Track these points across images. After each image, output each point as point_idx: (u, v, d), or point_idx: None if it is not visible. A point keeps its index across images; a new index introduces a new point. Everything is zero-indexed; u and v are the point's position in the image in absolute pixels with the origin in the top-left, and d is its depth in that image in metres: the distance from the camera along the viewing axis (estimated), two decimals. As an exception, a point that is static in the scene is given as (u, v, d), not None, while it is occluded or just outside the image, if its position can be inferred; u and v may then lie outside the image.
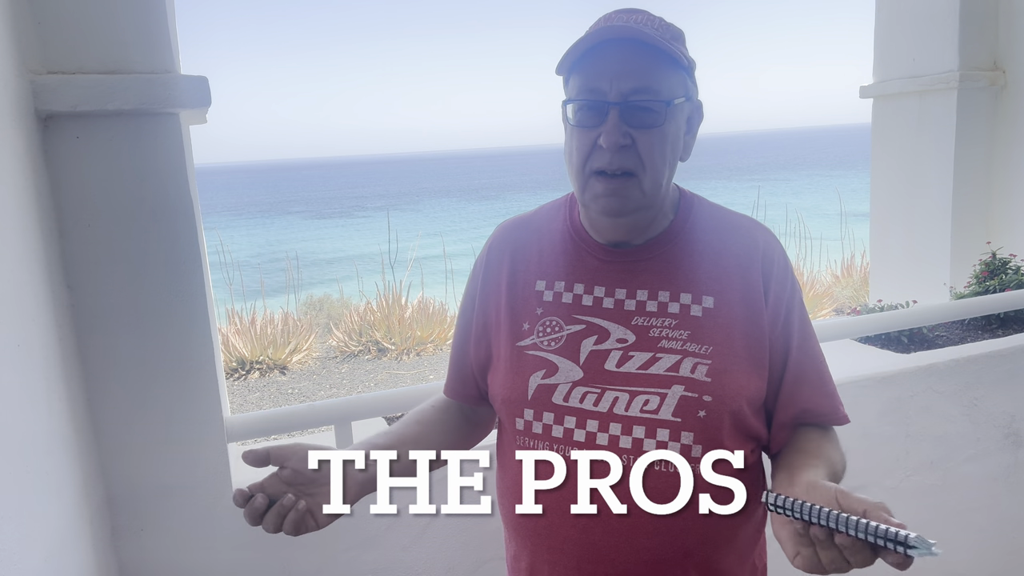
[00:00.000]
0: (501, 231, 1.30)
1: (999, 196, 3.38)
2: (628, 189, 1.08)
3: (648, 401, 1.08)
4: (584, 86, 1.07)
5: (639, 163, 1.07)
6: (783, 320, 1.15)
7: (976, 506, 2.34)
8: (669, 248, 1.16)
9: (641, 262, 1.16)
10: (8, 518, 1.10)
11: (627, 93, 1.05)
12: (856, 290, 8.71)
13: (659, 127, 1.07)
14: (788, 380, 1.16)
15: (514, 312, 1.21)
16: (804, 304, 1.19)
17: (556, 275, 1.20)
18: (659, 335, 1.11)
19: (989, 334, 2.61)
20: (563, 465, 1.11)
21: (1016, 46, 3.25)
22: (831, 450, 1.14)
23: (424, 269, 9.65)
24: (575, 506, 1.10)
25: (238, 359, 7.41)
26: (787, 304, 1.16)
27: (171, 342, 1.57)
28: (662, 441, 1.08)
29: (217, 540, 1.66)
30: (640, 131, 1.06)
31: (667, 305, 1.13)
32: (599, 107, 1.06)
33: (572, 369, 1.13)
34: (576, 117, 1.09)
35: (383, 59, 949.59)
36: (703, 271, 1.14)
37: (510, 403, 1.17)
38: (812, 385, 1.17)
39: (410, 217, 34.42)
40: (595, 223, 1.18)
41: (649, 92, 1.06)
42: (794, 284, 1.18)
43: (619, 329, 1.13)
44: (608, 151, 1.06)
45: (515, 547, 1.23)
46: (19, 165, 1.32)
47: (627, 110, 1.05)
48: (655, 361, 1.10)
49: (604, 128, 1.05)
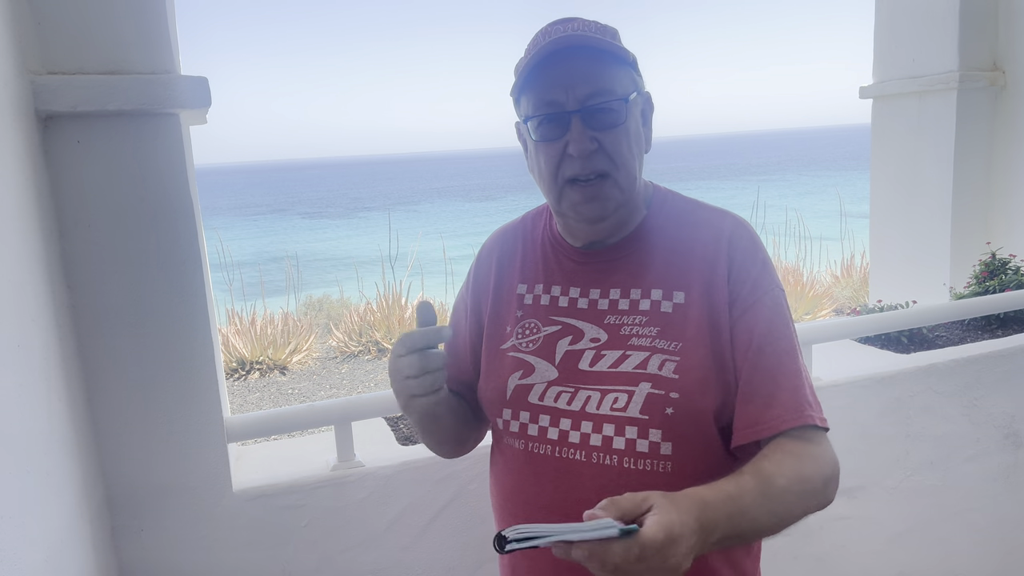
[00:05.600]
0: (490, 239, 1.33)
1: (999, 196, 3.38)
2: (605, 190, 1.09)
3: (617, 399, 1.09)
4: (540, 100, 1.09)
5: (611, 163, 1.08)
6: (748, 302, 1.09)
7: (976, 506, 2.34)
8: (641, 245, 1.17)
9: (614, 261, 1.17)
10: (8, 518, 1.10)
11: (584, 98, 1.07)
12: (856, 290, 8.71)
13: (622, 125, 1.09)
14: (752, 370, 1.07)
15: (498, 316, 1.24)
16: (781, 299, 1.12)
17: (535, 278, 1.22)
18: (629, 332, 1.12)
19: (989, 334, 2.61)
20: (538, 463, 1.13)
21: (1016, 46, 3.25)
22: (776, 465, 1.00)
23: (424, 269, 9.65)
24: (549, 502, 1.12)
25: (238, 359, 7.41)
26: (752, 286, 1.10)
27: (171, 342, 1.57)
28: (631, 439, 1.08)
29: (217, 540, 1.66)
30: (604, 132, 1.08)
31: (638, 303, 1.14)
32: (560, 118, 1.08)
33: (548, 369, 1.15)
34: (539, 132, 1.10)
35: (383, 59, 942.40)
36: (674, 266, 1.14)
37: (491, 403, 1.21)
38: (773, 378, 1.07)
39: (410, 217, 34.43)
40: (572, 228, 1.19)
41: (606, 93, 1.07)
42: (764, 271, 1.11)
43: (592, 328, 1.15)
44: (579, 158, 1.07)
45: None
46: (19, 165, 1.32)
47: (588, 115, 1.07)
48: (624, 359, 1.11)
49: (570, 136, 1.07)
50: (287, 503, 1.70)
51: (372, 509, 1.75)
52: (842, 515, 2.18)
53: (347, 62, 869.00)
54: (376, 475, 1.75)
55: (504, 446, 1.20)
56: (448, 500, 1.80)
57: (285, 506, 1.70)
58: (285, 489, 1.70)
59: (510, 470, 1.19)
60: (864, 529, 2.22)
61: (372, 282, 9.12)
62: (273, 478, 1.72)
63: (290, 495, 1.71)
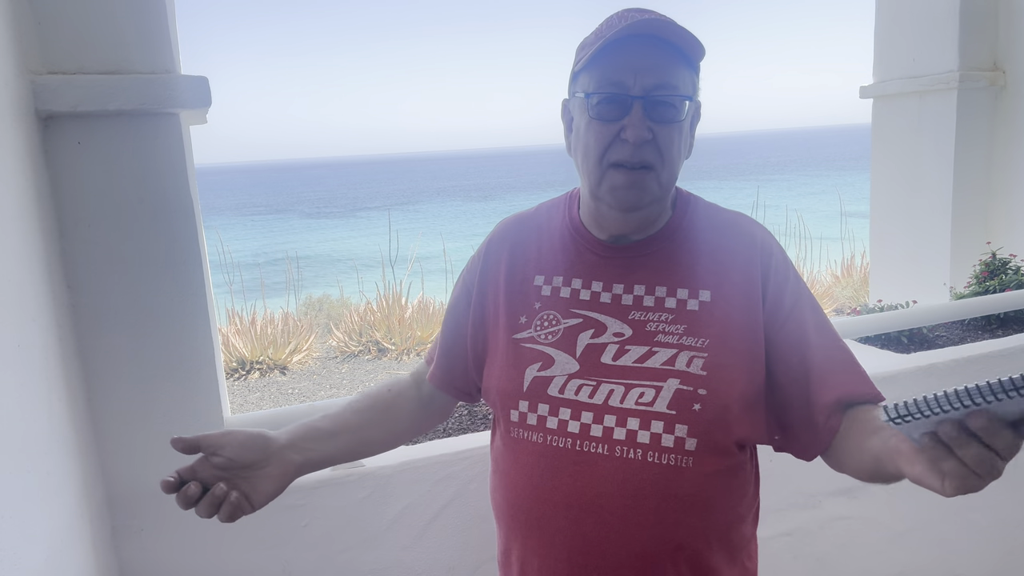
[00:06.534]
0: (501, 227, 1.31)
1: (999, 196, 3.38)
2: (647, 182, 1.09)
3: (643, 394, 1.09)
4: (606, 79, 1.08)
5: (658, 157, 1.08)
6: (789, 311, 1.13)
7: (976, 506, 2.34)
8: (667, 244, 1.17)
9: (639, 258, 1.17)
10: (8, 518, 1.10)
11: (651, 88, 1.06)
12: (856, 290, 8.71)
13: (679, 123, 1.09)
14: (816, 369, 1.11)
15: (512, 306, 1.22)
16: (813, 298, 1.17)
17: (555, 270, 1.21)
18: (656, 329, 1.12)
19: (989, 334, 2.61)
20: (556, 456, 1.12)
21: (1016, 46, 3.25)
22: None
23: (424, 269, 9.66)
24: (566, 496, 1.11)
25: (238, 359, 7.41)
26: (792, 296, 1.14)
27: (171, 342, 1.57)
28: (656, 433, 1.08)
29: (217, 540, 1.66)
30: (661, 126, 1.08)
31: (664, 300, 1.14)
32: (622, 100, 1.07)
33: (568, 362, 1.14)
34: (597, 110, 1.09)
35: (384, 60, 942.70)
36: (700, 266, 1.15)
37: (505, 395, 1.18)
38: (846, 369, 1.13)
39: (410, 217, 34.43)
40: (601, 217, 1.17)
41: (671, 88, 1.07)
42: (797, 277, 1.17)
43: (616, 323, 1.14)
44: (632, 144, 1.07)
45: (506, 541, 1.23)
46: (19, 165, 1.32)
47: (651, 104, 1.07)
48: (651, 355, 1.11)
49: (628, 121, 1.06)
50: (287, 503, 1.70)
51: (372, 509, 1.75)
52: (842, 515, 2.17)
53: (352, 62, 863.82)
54: (376, 475, 1.75)
55: (516, 440, 1.17)
56: (448, 500, 1.80)
57: (285, 506, 1.70)
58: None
59: (523, 465, 1.16)
60: (864, 529, 2.22)
61: (372, 282, 9.13)
62: (273, 478, 1.72)
63: (290, 495, 1.69)
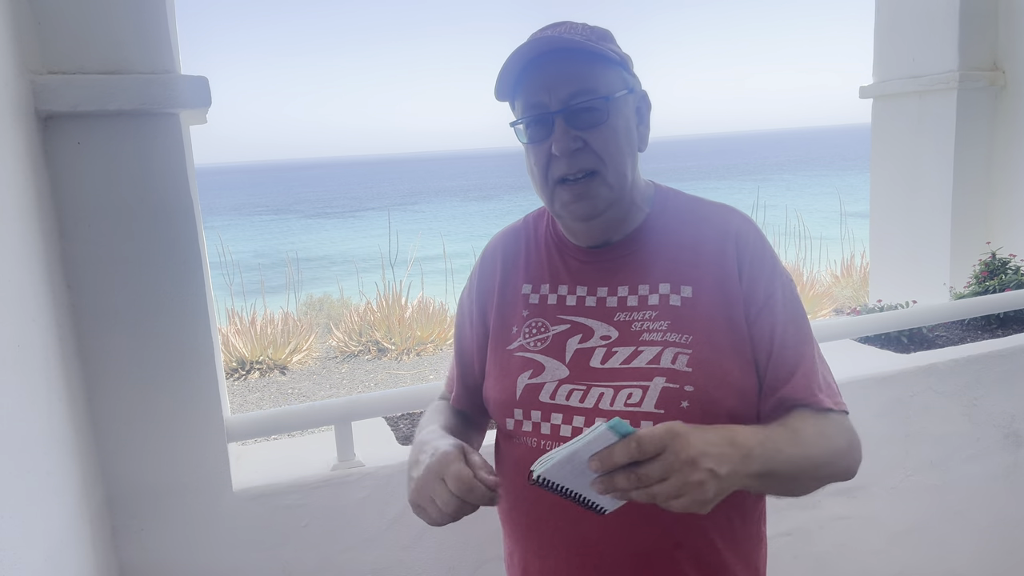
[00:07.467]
0: (493, 241, 1.33)
1: (999, 196, 3.38)
2: (594, 187, 1.10)
3: (631, 395, 1.09)
4: (526, 103, 1.11)
5: (598, 160, 1.09)
6: (763, 299, 1.12)
7: (976, 506, 2.34)
8: (646, 242, 1.18)
9: (620, 259, 1.18)
10: (8, 518, 1.10)
11: (566, 99, 1.08)
12: (856, 290, 8.72)
13: (605, 123, 1.09)
14: (772, 363, 1.11)
15: (504, 317, 1.24)
16: (793, 290, 1.15)
17: (541, 278, 1.23)
18: (640, 328, 1.13)
19: (989, 334, 2.60)
20: None
21: (1016, 46, 3.25)
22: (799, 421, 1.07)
23: (424, 269, 9.66)
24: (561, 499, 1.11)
25: (238, 359, 7.41)
26: (766, 283, 1.12)
27: (171, 342, 1.57)
28: None
29: (217, 540, 1.66)
30: (589, 131, 1.09)
31: (647, 298, 1.14)
32: (544, 119, 1.10)
33: (558, 368, 1.15)
34: (527, 134, 1.12)
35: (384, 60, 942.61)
36: (681, 261, 1.15)
37: (500, 404, 1.20)
38: (789, 368, 1.11)
39: (410, 217, 34.43)
40: (571, 228, 1.20)
41: (587, 92, 1.08)
42: (775, 266, 1.15)
43: (602, 326, 1.15)
44: (563, 157, 1.08)
45: (509, 544, 1.26)
46: (19, 165, 1.32)
47: (570, 114, 1.08)
48: (637, 355, 1.11)
49: (553, 137, 1.08)
50: (287, 503, 1.71)
51: (372, 509, 1.75)
52: (842, 515, 2.17)
53: (352, 62, 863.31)
54: (376, 475, 1.75)
55: (513, 445, 1.19)
56: (448, 500, 1.80)
57: (285, 506, 1.70)
58: (285, 489, 1.70)
59: (520, 470, 1.16)
60: (864, 529, 2.22)
61: (372, 282, 9.13)
62: (273, 478, 1.72)
63: (290, 495, 1.71)
